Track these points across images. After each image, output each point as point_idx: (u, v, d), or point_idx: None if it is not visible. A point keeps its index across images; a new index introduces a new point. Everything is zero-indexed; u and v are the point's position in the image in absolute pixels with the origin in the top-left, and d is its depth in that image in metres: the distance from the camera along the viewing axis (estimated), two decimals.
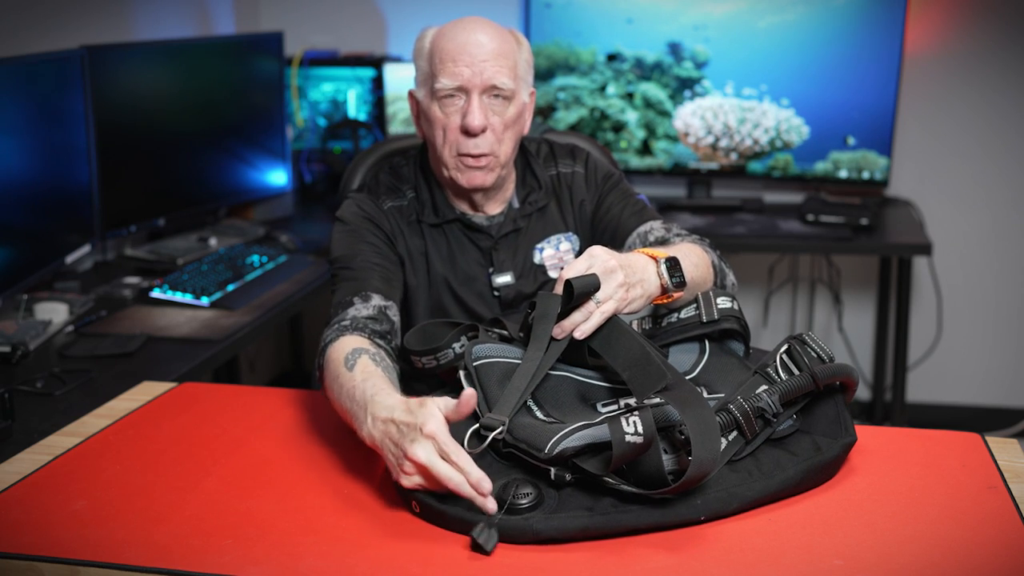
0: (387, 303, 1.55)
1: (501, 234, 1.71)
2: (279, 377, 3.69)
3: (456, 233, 1.71)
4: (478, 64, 1.57)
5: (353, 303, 1.53)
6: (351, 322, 1.48)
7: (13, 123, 2.20)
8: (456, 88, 1.58)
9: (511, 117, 1.62)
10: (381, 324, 1.50)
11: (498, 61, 1.58)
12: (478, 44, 1.57)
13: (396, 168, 1.75)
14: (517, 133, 1.66)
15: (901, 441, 1.41)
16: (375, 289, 1.56)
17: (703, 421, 1.17)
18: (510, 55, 1.61)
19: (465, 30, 1.59)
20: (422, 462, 1.15)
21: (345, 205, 1.71)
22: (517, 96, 1.63)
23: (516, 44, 1.64)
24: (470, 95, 1.58)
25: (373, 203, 1.69)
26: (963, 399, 3.49)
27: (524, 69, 1.65)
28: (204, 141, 2.92)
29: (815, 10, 3.15)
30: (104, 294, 2.43)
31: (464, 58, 1.57)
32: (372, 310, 1.52)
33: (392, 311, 1.55)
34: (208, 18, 3.35)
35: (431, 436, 1.16)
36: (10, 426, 1.65)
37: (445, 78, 1.58)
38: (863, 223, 3.02)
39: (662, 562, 1.11)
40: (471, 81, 1.57)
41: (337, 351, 1.41)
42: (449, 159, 1.62)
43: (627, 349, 1.30)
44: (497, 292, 1.70)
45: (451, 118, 1.60)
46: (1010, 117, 3.26)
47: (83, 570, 1.14)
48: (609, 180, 1.77)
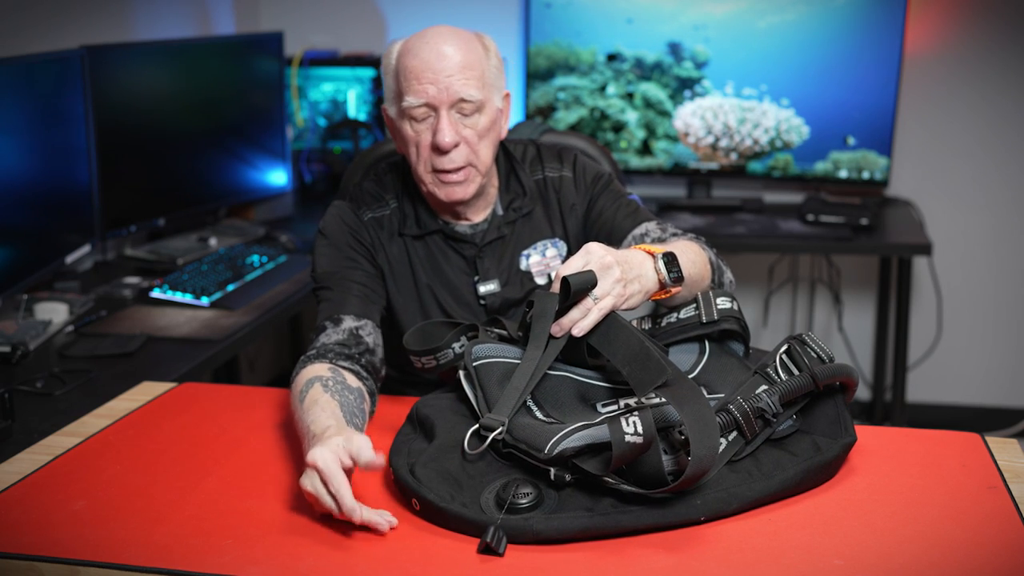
0: (360, 323, 1.56)
1: (485, 242, 1.68)
2: (279, 377, 3.69)
3: (439, 243, 1.69)
4: (443, 80, 1.54)
5: (325, 328, 1.55)
6: (317, 350, 1.51)
7: (13, 123, 2.20)
8: (423, 105, 1.56)
9: (484, 126, 1.60)
10: (350, 348, 1.52)
11: (464, 73, 1.55)
12: (442, 58, 1.55)
13: (380, 176, 1.74)
14: (493, 140, 1.64)
15: (901, 441, 1.41)
16: (349, 311, 1.57)
17: (701, 419, 1.16)
18: (476, 65, 1.57)
19: (427, 44, 1.56)
20: (308, 491, 1.19)
21: (328, 215, 1.70)
22: (488, 104, 1.60)
23: (483, 51, 1.61)
24: (439, 111, 1.56)
25: (354, 214, 1.68)
26: (963, 399, 3.50)
27: (494, 75, 1.62)
28: (204, 141, 2.92)
29: (815, 10, 3.15)
30: (104, 294, 2.43)
31: (428, 75, 1.54)
32: (342, 334, 1.53)
33: (366, 330, 1.56)
34: (208, 18, 3.35)
35: (312, 466, 1.19)
36: (10, 426, 1.65)
37: (411, 96, 1.56)
38: (863, 223, 3.02)
39: (662, 562, 1.11)
40: (438, 98, 1.55)
41: (296, 384, 1.44)
42: (425, 175, 1.61)
43: (626, 345, 1.29)
44: (483, 301, 1.69)
45: (422, 136, 1.58)
46: (1010, 117, 3.26)
47: (83, 570, 1.14)
48: (599, 182, 1.74)
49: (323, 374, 1.43)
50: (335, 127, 3.37)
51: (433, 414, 1.36)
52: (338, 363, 1.48)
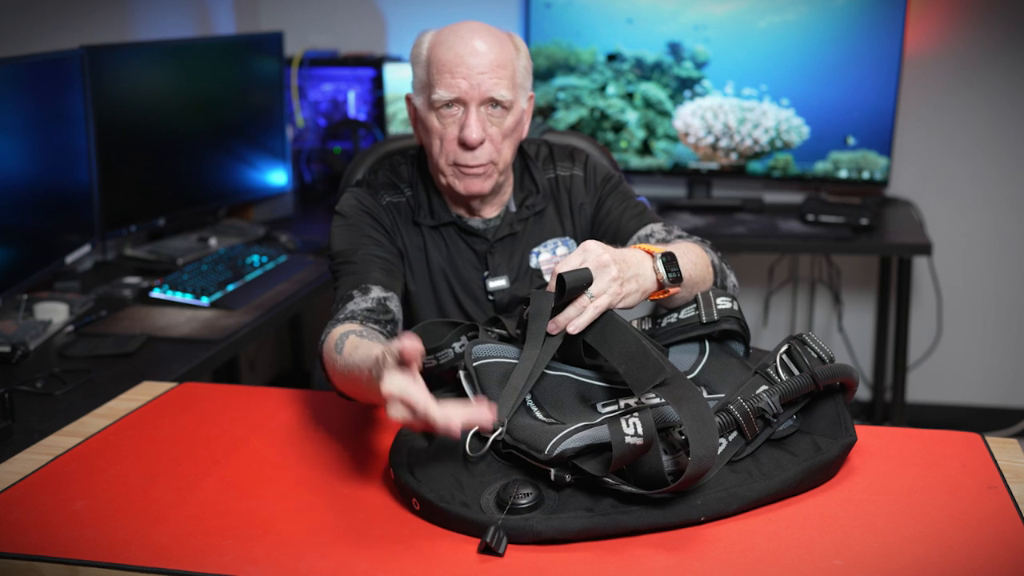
0: (387, 294, 1.54)
1: (497, 238, 1.69)
2: (279, 377, 3.69)
3: (452, 235, 1.70)
4: (476, 76, 1.54)
5: (352, 296, 1.52)
6: (346, 315, 1.48)
7: (13, 123, 2.20)
8: (453, 100, 1.56)
9: (509, 126, 1.60)
10: (379, 314, 1.50)
11: (496, 72, 1.56)
12: (476, 54, 1.55)
13: (395, 166, 1.74)
14: (516, 140, 1.65)
15: (901, 441, 1.41)
16: (375, 281, 1.55)
17: (700, 418, 1.16)
18: (508, 64, 1.58)
19: (462, 39, 1.56)
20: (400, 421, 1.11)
21: (344, 199, 1.70)
22: (516, 105, 1.61)
23: (515, 51, 1.61)
24: (468, 107, 1.56)
25: (372, 197, 1.69)
26: (963, 399, 3.49)
27: (523, 76, 1.63)
28: (204, 141, 2.92)
29: (815, 10, 3.15)
30: (104, 294, 2.43)
31: (461, 70, 1.54)
32: (371, 302, 1.51)
33: (393, 302, 1.54)
34: (208, 18, 3.35)
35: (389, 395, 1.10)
36: (10, 426, 1.65)
37: (442, 89, 1.56)
38: (863, 223, 3.02)
39: (662, 562, 1.11)
40: (468, 94, 1.55)
41: (328, 344, 1.41)
42: (446, 167, 1.61)
43: (623, 343, 1.29)
44: (492, 296, 1.69)
45: (448, 129, 1.58)
46: (1010, 117, 3.26)
47: (83, 570, 1.14)
48: (609, 182, 1.75)
49: (355, 328, 1.41)
50: (335, 127, 3.37)
51: None
52: (368, 325, 1.46)
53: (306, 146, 3.39)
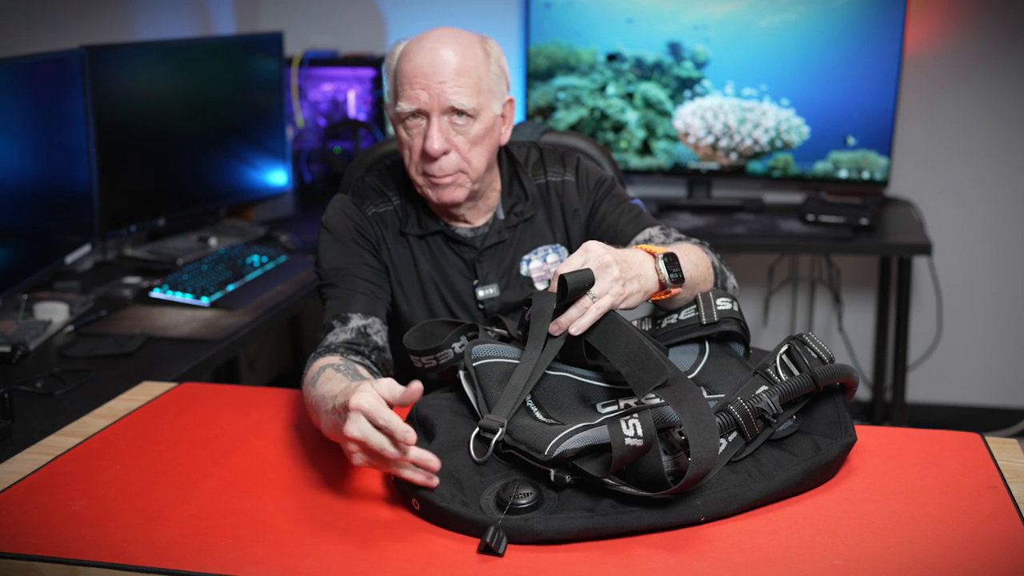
0: (367, 320, 1.56)
1: (485, 246, 1.68)
2: (279, 377, 3.69)
3: (439, 244, 1.69)
4: (435, 86, 1.53)
5: (332, 327, 1.55)
6: (327, 347, 1.51)
7: (13, 123, 2.20)
8: (415, 111, 1.55)
9: (477, 134, 1.58)
10: (359, 345, 1.52)
11: (458, 80, 1.54)
12: (436, 64, 1.53)
13: (383, 172, 1.73)
14: (489, 146, 1.61)
15: (901, 441, 1.41)
16: (356, 308, 1.57)
17: (700, 419, 1.16)
18: (472, 71, 1.56)
19: (424, 49, 1.55)
20: (355, 436, 1.16)
21: (330, 209, 1.70)
22: (483, 112, 1.58)
23: (483, 56, 1.59)
24: (429, 118, 1.55)
25: (357, 208, 1.68)
26: (963, 399, 3.50)
27: (493, 82, 1.60)
28: (204, 141, 2.92)
29: (815, 10, 3.15)
30: (104, 294, 2.43)
31: (420, 80, 1.53)
32: (350, 333, 1.53)
33: (374, 327, 1.56)
34: (208, 18, 3.35)
35: (357, 409, 1.16)
36: (10, 426, 1.65)
37: (403, 101, 1.55)
38: (863, 223, 3.02)
39: (662, 562, 1.11)
40: (429, 104, 1.54)
41: (307, 376, 1.43)
42: (418, 177, 1.61)
43: (625, 344, 1.29)
44: (482, 305, 1.68)
45: (415, 140, 1.58)
46: (1010, 117, 3.26)
47: (83, 570, 1.14)
48: (602, 187, 1.73)
49: (335, 362, 1.43)
50: (335, 127, 3.37)
51: (433, 414, 1.36)
52: (349, 357, 1.48)
53: (306, 146, 3.39)
